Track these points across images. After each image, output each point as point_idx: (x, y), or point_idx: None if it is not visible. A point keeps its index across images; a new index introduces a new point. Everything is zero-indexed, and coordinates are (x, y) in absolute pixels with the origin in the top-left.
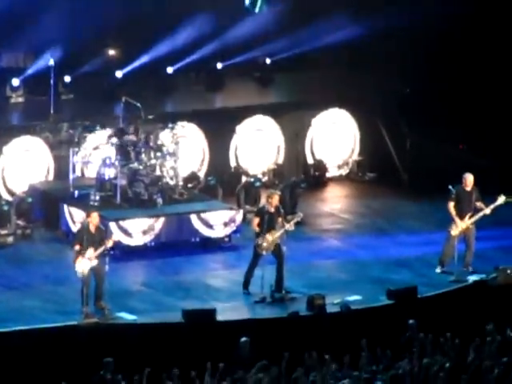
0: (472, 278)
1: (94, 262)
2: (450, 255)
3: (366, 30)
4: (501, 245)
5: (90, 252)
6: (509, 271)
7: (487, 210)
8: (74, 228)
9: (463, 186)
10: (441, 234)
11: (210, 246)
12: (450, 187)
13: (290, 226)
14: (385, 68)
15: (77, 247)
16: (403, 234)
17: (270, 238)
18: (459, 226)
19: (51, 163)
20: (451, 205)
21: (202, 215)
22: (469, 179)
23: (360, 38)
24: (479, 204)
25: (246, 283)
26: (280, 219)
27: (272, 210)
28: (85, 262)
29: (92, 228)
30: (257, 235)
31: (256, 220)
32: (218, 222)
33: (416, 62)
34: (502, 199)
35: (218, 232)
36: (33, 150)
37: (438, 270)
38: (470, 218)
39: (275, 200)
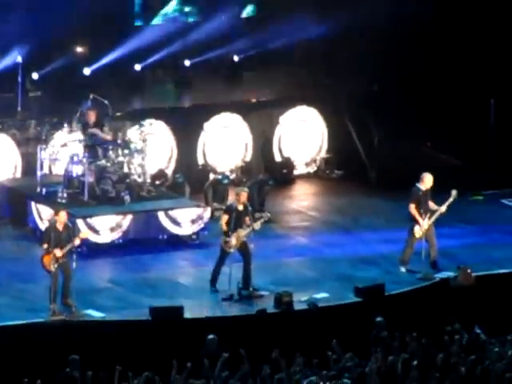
0: (439, 276)
1: (62, 260)
2: (410, 255)
3: (335, 27)
4: (465, 243)
5: (58, 250)
6: (469, 270)
7: (443, 208)
8: (42, 225)
9: (422, 185)
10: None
11: (177, 243)
12: (415, 188)
13: (256, 226)
14: (352, 66)
15: (45, 245)
16: (370, 232)
17: (237, 235)
18: (423, 227)
19: (18, 160)
20: (413, 206)
21: (170, 212)
22: (429, 179)
23: (328, 35)
24: (432, 204)
25: (214, 281)
26: (247, 217)
27: (240, 207)
28: (52, 260)
29: (59, 226)
30: (224, 233)
31: (225, 218)
32: (185, 219)
33: (384, 59)
34: (454, 194)
35: (186, 229)
36: (0, 147)
37: (403, 270)
38: (430, 217)
39: (243, 197)
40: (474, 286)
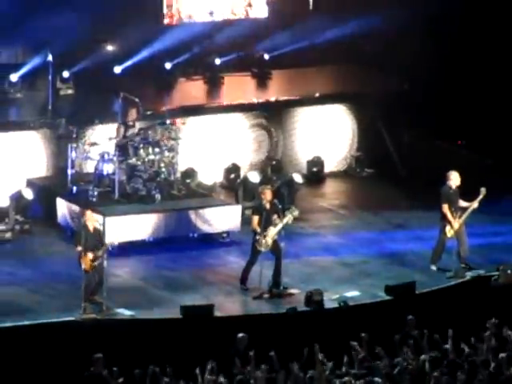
0: (470, 274)
1: (98, 261)
2: (441, 253)
3: (366, 26)
4: (496, 241)
5: (91, 253)
6: (509, 271)
7: (475, 204)
8: (72, 223)
9: (451, 184)
10: (438, 230)
11: (208, 241)
12: (445, 187)
13: (289, 219)
14: (383, 64)
15: (79, 248)
16: (401, 230)
17: (269, 234)
18: (454, 226)
19: (49, 159)
20: (446, 206)
21: (201, 211)
22: (455, 177)
23: (360, 34)
24: (461, 202)
25: (244, 279)
26: (276, 215)
27: (268, 206)
28: (89, 261)
29: (90, 226)
30: (256, 233)
31: (255, 218)
32: (216, 217)
33: (415, 58)
34: (483, 191)
35: (217, 228)
36: (31, 145)
37: (434, 268)
38: (460, 216)
39: (268, 195)
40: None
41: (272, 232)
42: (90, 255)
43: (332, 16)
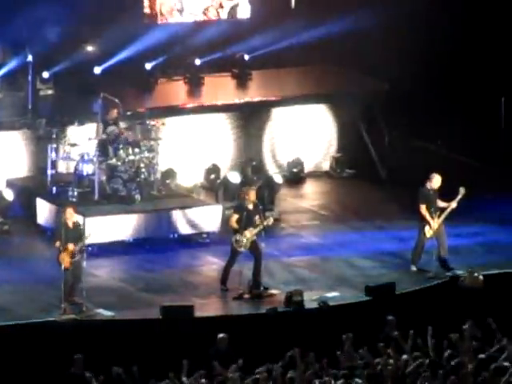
0: (449, 275)
1: (77, 257)
2: (420, 254)
3: (346, 27)
4: (477, 241)
5: (71, 247)
6: (476, 274)
7: (453, 204)
8: (52, 224)
9: (431, 185)
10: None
11: (188, 242)
12: (423, 188)
13: (269, 222)
14: (363, 65)
15: (57, 243)
16: (381, 231)
17: (248, 234)
18: (433, 227)
19: (29, 159)
20: (423, 207)
21: (181, 211)
22: (437, 179)
23: (340, 35)
24: (440, 202)
25: (224, 279)
26: (257, 216)
27: (250, 206)
28: (68, 256)
29: (69, 223)
30: (234, 232)
31: (235, 216)
32: (196, 218)
33: (395, 58)
34: (462, 191)
35: (197, 228)
36: (11, 146)
37: (414, 268)
38: (439, 216)
39: (252, 196)
40: (482, 288)
41: (251, 232)
42: (70, 246)
43: (312, 16)
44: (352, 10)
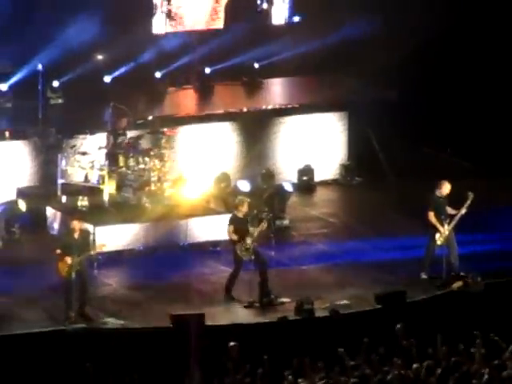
0: (460, 282)
1: (77, 267)
2: (431, 261)
3: (356, 35)
4: (487, 248)
5: (69, 257)
6: (479, 279)
7: (463, 210)
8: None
9: (440, 192)
10: (427, 239)
11: (198, 250)
12: (433, 196)
13: (262, 228)
14: (373, 73)
15: (57, 251)
16: (391, 239)
17: (246, 244)
18: (443, 233)
19: (39, 168)
20: (432, 214)
21: (191, 219)
22: (446, 187)
23: (350, 43)
24: (450, 209)
25: (228, 289)
26: (251, 225)
27: (241, 216)
28: (66, 267)
29: (75, 234)
30: (235, 243)
31: (230, 228)
32: (206, 226)
33: (404, 67)
34: (471, 196)
35: (207, 236)
36: (21, 155)
37: (424, 276)
38: (449, 223)
39: (244, 207)
40: (482, 292)
41: (247, 242)
42: (68, 260)
43: (323, 24)
44: (362, 18)
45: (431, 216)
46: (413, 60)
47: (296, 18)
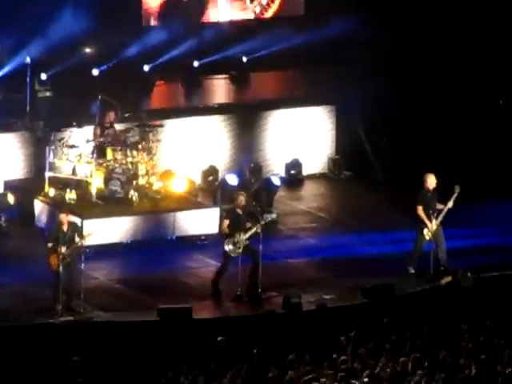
0: (448, 276)
1: (67, 260)
2: (418, 255)
3: (346, 29)
4: (475, 243)
5: (63, 249)
6: (469, 274)
7: (450, 204)
8: (50, 226)
9: (426, 187)
10: (415, 233)
11: (186, 244)
12: (421, 191)
13: (258, 229)
14: (362, 67)
15: (49, 244)
16: (379, 233)
17: (238, 240)
18: (431, 229)
19: (27, 161)
20: (420, 208)
21: (178, 213)
22: (431, 180)
23: (339, 37)
24: (438, 204)
25: (215, 282)
26: (248, 221)
27: (239, 211)
28: (57, 259)
29: (64, 227)
30: (226, 237)
31: (225, 222)
32: (194, 220)
33: (393, 60)
34: (457, 189)
35: (194, 230)
36: (9, 148)
37: (412, 270)
38: (437, 218)
39: (241, 201)
40: (472, 287)
41: (241, 237)
42: (61, 249)
43: (312, 18)
44: (355, 12)
45: (419, 210)
46: (404, 53)
47: None
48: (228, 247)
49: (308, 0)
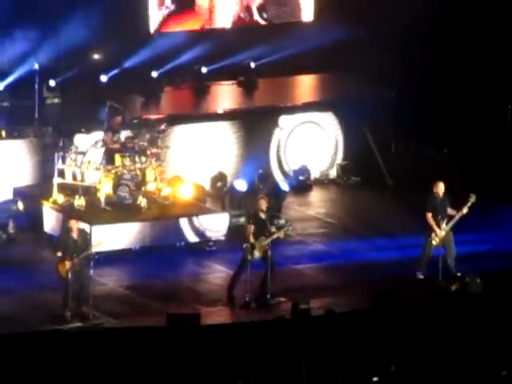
0: (458, 283)
1: (77, 268)
2: (427, 261)
3: (354, 34)
4: (485, 248)
5: (69, 258)
6: (478, 280)
7: (464, 210)
8: (59, 232)
9: (435, 193)
10: (424, 239)
11: (195, 250)
12: (430, 196)
13: (281, 234)
14: (370, 72)
15: (58, 253)
16: (388, 238)
17: (261, 244)
18: (439, 234)
19: (36, 167)
20: (429, 215)
21: (187, 219)
22: (440, 186)
23: (347, 42)
24: (450, 210)
25: (231, 287)
26: (270, 225)
27: (263, 216)
28: (67, 267)
29: (73, 234)
30: (249, 242)
31: (251, 227)
32: (203, 226)
33: (402, 66)
34: (473, 198)
35: (203, 236)
36: (18, 154)
37: (420, 276)
38: (447, 223)
39: (263, 205)
40: (481, 293)
41: (264, 242)
42: (67, 262)
43: (319, 24)
44: (359, 18)
45: (428, 216)
46: (412, 59)
47: None
48: (249, 250)
49: (317, 6)
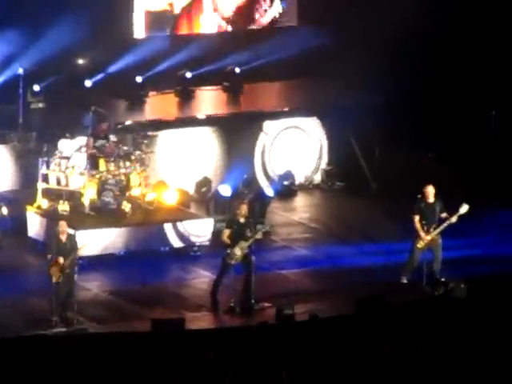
0: (441, 287)
1: (67, 270)
2: (413, 266)
3: (337, 39)
4: (470, 254)
5: (61, 260)
6: (462, 285)
7: (453, 219)
8: (43, 237)
9: (425, 198)
10: (409, 244)
11: (179, 255)
12: (417, 201)
13: (258, 236)
14: (354, 77)
15: (48, 256)
16: (372, 243)
17: (240, 248)
18: (424, 239)
19: (20, 172)
20: (416, 218)
21: (172, 224)
22: (429, 191)
23: (331, 47)
24: (444, 215)
25: (214, 292)
26: (248, 229)
27: (242, 220)
28: (58, 269)
29: (62, 237)
30: (227, 246)
31: (227, 232)
32: (187, 231)
33: (386, 71)
34: (465, 208)
35: (188, 241)
36: (1, 159)
37: (405, 281)
38: (435, 229)
39: (243, 210)
40: (466, 299)
41: (243, 245)
42: (60, 259)
43: (303, 29)
44: (342, 22)
45: (414, 219)
46: (396, 64)
47: None
48: (228, 255)
49: (301, 11)
